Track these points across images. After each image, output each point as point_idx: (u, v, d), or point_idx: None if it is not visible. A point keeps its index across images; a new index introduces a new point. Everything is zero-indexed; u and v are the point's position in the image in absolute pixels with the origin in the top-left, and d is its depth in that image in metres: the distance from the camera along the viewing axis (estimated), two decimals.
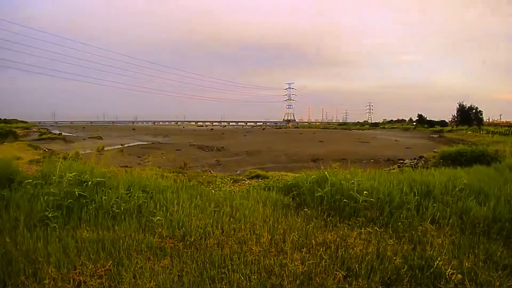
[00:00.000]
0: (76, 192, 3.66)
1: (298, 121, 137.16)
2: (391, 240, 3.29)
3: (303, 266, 2.73)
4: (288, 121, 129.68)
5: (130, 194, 3.84)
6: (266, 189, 5.16)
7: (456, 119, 57.83)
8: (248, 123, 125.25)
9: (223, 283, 2.52)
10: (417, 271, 2.68)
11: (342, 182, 4.35)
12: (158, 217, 3.47)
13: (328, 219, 3.78)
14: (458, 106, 56.34)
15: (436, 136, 46.70)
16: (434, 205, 4.09)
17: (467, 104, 55.83)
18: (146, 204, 3.80)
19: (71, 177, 3.99)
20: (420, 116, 78.94)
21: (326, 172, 4.61)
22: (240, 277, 2.57)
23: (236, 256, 2.87)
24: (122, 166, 10.56)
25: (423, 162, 12.03)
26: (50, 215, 3.34)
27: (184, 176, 8.02)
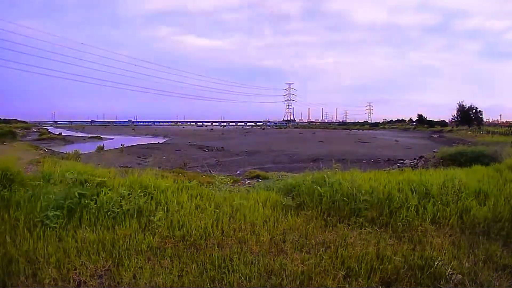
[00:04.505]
0: (77, 193, 3.65)
1: (298, 121, 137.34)
2: (391, 240, 3.30)
3: (303, 266, 2.74)
4: (288, 121, 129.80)
5: (131, 194, 3.84)
6: (266, 189, 5.16)
7: (456, 119, 57.82)
8: (248, 123, 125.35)
9: (223, 283, 2.52)
10: (417, 271, 2.68)
11: (341, 182, 4.35)
12: (158, 217, 3.46)
13: (328, 219, 3.78)
14: (458, 106, 56.37)
15: (436, 136, 46.76)
16: (434, 204, 4.09)
17: (467, 104, 55.89)
18: (147, 204, 3.79)
19: (71, 177, 3.99)
20: (420, 116, 79.03)
21: (326, 173, 4.61)
22: (240, 277, 2.57)
23: (236, 256, 2.87)
24: (122, 166, 10.57)
25: (423, 162, 12.03)
26: (50, 215, 3.33)
27: (184, 176, 8.01)
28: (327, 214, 3.91)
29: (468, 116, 55.10)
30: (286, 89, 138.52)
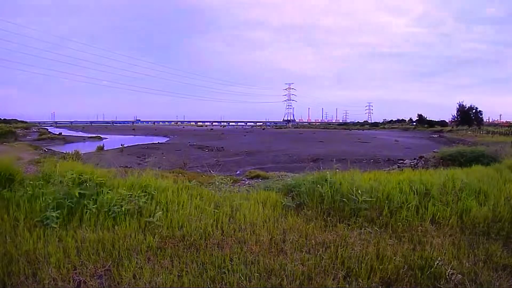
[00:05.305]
0: (77, 193, 3.65)
1: (298, 121, 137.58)
2: (391, 240, 3.30)
3: (303, 266, 2.73)
4: (288, 121, 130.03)
5: (131, 195, 3.84)
6: (266, 189, 5.16)
7: (456, 119, 57.82)
8: (248, 123, 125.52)
9: (223, 283, 2.51)
10: (417, 271, 2.68)
11: (341, 182, 4.35)
12: (158, 218, 3.46)
13: (328, 219, 3.78)
14: (458, 106, 56.36)
15: (436, 136, 46.76)
16: (434, 205, 4.09)
17: (467, 104, 55.90)
18: (147, 204, 3.79)
19: (72, 177, 3.99)
20: (420, 116, 79.00)
21: (326, 173, 4.61)
22: (240, 277, 2.57)
23: (236, 256, 2.87)
24: (122, 166, 10.54)
25: (423, 162, 12.01)
26: (50, 215, 3.33)
27: (184, 176, 8.02)
28: (327, 214, 3.91)
29: (468, 116, 55.09)
30: (286, 89, 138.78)
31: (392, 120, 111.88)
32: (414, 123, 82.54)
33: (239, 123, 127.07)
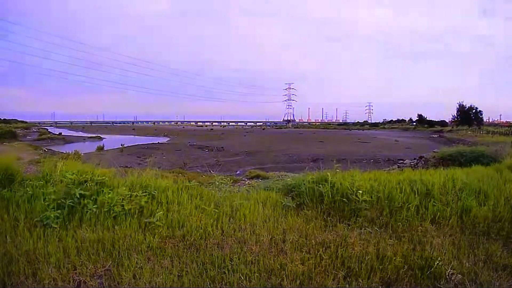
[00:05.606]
0: (77, 193, 3.65)
1: (298, 121, 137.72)
2: (391, 240, 3.29)
3: (303, 266, 2.74)
4: (288, 121, 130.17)
5: (131, 195, 3.84)
6: (266, 189, 5.15)
7: (456, 119, 57.85)
8: (248, 123, 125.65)
9: (223, 283, 2.52)
10: (417, 271, 2.68)
11: (342, 182, 4.35)
12: (158, 217, 3.46)
13: (328, 219, 3.78)
14: (458, 106, 56.40)
15: (436, 136, 46.79)
16: (434, 204, 4.09)
17: (467, 104, 55.95)
18: (148, 204, 3.79)
19: (72, 177, 3.99)
20: (420, 116, 79.10)
21: (326, 173, 4.61)
22: (240, 277, 2.57)
23: (236, 256, 2.87)
24: (122, 166, 10.54)
25: (423, 162, 11.99)
26: (50, 215, 3.33)
27: (184, 176, 8.02)
28: (327, 214, 3.91)
29: (468, 116, 55.15)
30: (286, 89, 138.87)
31: (392, 120, 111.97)
32: (414, 123, 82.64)
33: (239, 123, 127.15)
